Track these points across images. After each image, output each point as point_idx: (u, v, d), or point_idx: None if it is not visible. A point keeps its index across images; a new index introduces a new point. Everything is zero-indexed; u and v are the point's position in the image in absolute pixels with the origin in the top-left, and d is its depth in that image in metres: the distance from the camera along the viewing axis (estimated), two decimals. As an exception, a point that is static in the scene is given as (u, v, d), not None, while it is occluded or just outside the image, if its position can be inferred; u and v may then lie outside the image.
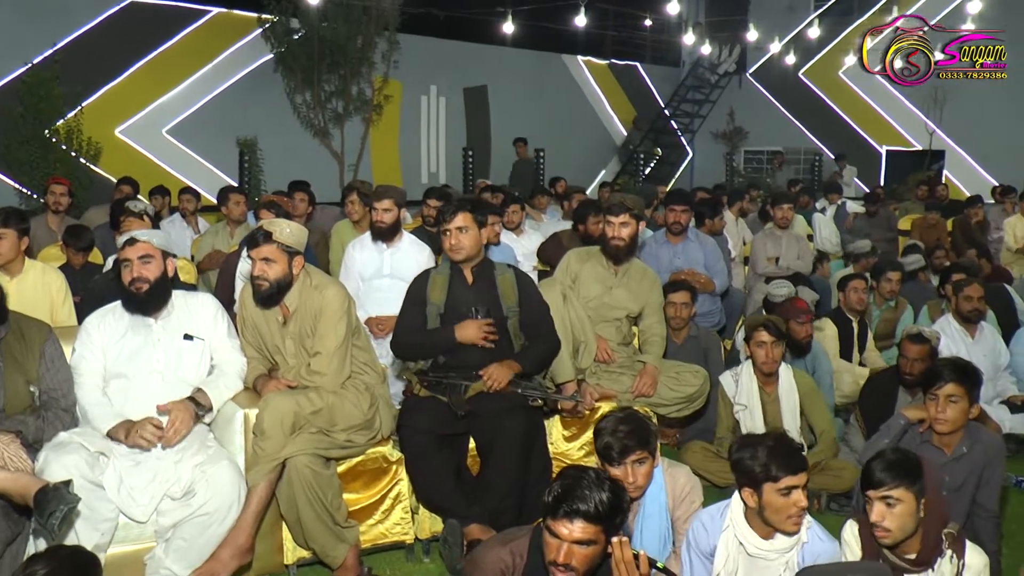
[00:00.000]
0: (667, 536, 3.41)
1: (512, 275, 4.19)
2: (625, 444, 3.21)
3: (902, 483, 2.80)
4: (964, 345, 5.84)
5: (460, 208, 4.06)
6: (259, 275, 3.77)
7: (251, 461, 3.61)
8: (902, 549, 2.90)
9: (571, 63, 19.06)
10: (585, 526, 2.49)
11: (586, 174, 18.15)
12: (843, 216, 11.74)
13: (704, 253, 6.19)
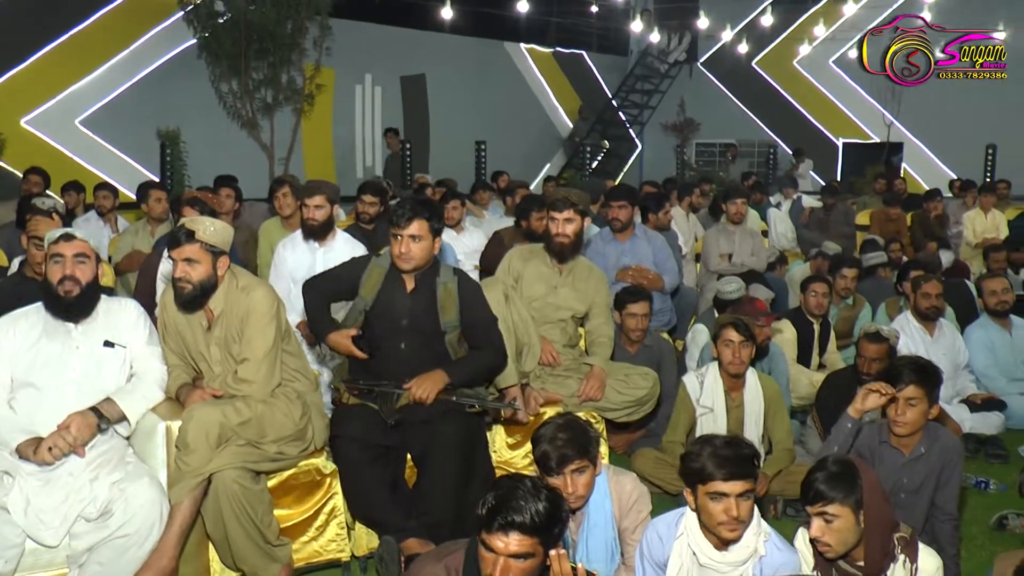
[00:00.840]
0: (614, 547, 3.42)
1: (455, 285, 4.09)
2: (563, 453, 3.21)
3: (835, 499, 2.87)
4: (923, 343, 5.97)
5: (416, 214, 3.92)
6: (181, 277, 3.69)
7: (174, 477, 3.54)
8: (853, 557, 2.95)
9: (514, 51, 19.08)
10: (521, 539, 2.48)
11: (530, 168, 18.17)
12: (799, 211, 11.95)
13: (653, 249, 6.22)
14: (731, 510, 2.88)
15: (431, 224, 3.97)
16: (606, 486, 3.40)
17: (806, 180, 16.86)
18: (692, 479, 2.95)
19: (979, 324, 6.40)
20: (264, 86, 13.53)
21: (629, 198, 6.19)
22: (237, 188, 7.67)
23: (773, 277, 8.13)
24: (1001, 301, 6.25)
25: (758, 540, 3.00)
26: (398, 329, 4.04)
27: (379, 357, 4.05)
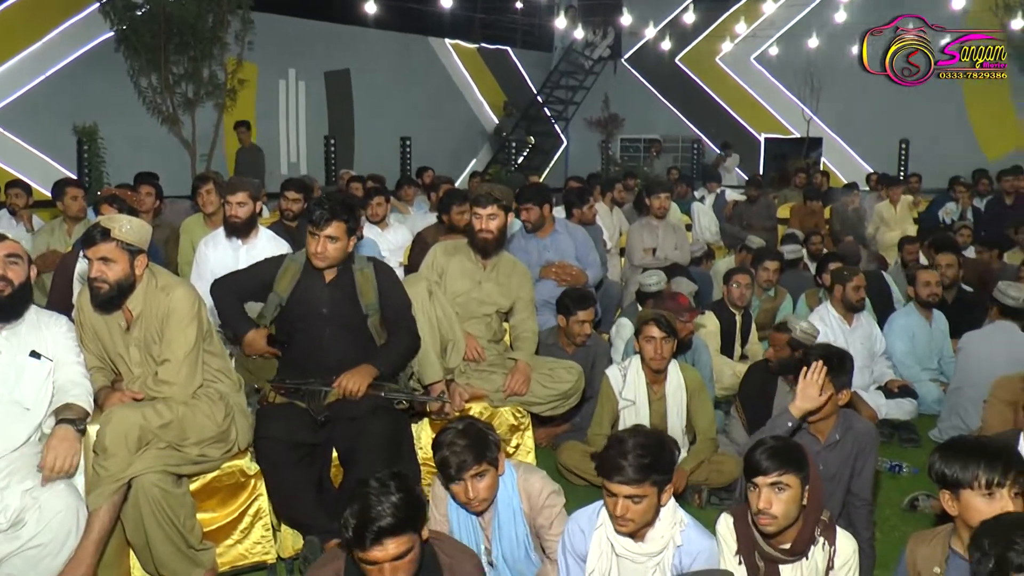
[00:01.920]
0: (527, 543, 3.43)
1: (371, 270, 4.16)
2: (462, 459, 3.21)
3: (790, 469, 2.89)
4: (842, 333, 6.11)
5: (335, 216, 3.94)
6: (97, 276, 3.60)
7: (91, 483, 3.44)
8: (777, 540, 2.99)
9: (438, 46, 19.00)
10: (396, 540, 2.49)
11: (456, 164, 18.15)
12: (722, 205, 12.13)
13: (575, 244, 6.24)
14: (618, 509, 2.93)
15: (348, 225, 4.00)
16: (514, 484, 3.40)
17: (732, 174, 17.14)
18: (599, 473, 3.02)
19: (904, 312, 6.57)
20: (185, 81, 13.27)
21: (535, 199, 6.13)
22: (158, 185, 7.52)
23: (698, 271, 8.24)
24: (932, 293, 6.40)
25: (674, 530, 3.04)
26: (320, 318, 4.04)
27: (304, 349, 4.03)
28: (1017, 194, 11.00)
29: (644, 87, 21.15)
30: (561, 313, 5.52)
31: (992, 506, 2.63)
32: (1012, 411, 4.57)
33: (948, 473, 2.72)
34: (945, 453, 2.76)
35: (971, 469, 2.67)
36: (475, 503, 3.26)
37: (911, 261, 8.52)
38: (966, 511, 2.70)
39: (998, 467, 2.65)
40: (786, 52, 19.24)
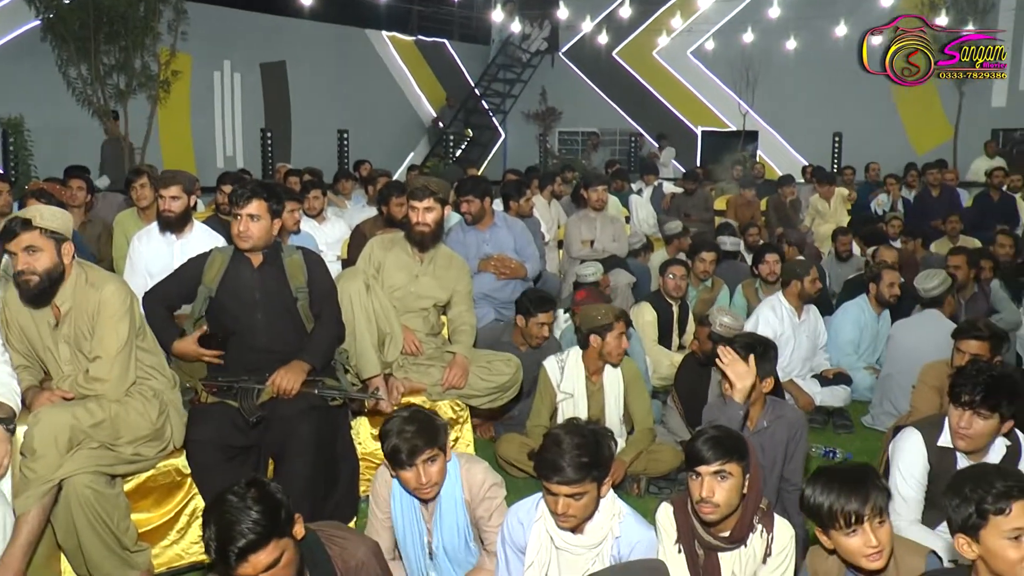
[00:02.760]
0: (467, 533, 3.44)
1: (300, 255, 4.17)
2: (414, 444, 3.20)
3: (732, 458, 2.91)
4: (791, 327, 6.24)
5: (255, 194, 3.97)
6: (24, 269, 3.50)
7: (19, 486, 3.34)
8: (717, 528, 3.02)
9: (375, 39, 18.85)
10: (264, 552, 2.43)
11: (394, 157, 18.01)
12: (660, 197, 12.24)
13: (513, 237, 6.25)
14: (559, 507, 2.95)
15: (270, 205, 4.01)
16: (457, 474, 3.41)
17: (668, 168, 17.28)
18: (538, 474, 3.03)
19: (858, 303, 6.67)
20: (116, 72, 12.95)
21: (476, 192, 6.15)
22: (89, 179, 7.35)
23: (636, 263, 8.30)
24: (894, 294, 6.50)
25: (613, 521, 3.07)
26: (251, 303, 4.02)
27: (237, 337, 4.00)
28: (943, 187, 11.28)
29: (581, 80, 21.21)
30: (520, 314, 5.51)
31: (859, 539, 2.64)
32: (938, 396, 4.67)
33: (814, 514, 2.72)
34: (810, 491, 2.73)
35: (832, 511, 2.65)
36: (426, 488, 3.25)
37: (844, 252, 8.69)
38: (838, 547, 2.72)
39: (852, 503, 2.63)
40: (722, 46, 19.43)
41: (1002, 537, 2.35)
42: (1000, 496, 2.35)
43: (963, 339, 4.60)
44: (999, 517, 2.35)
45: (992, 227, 9.49)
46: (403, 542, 3.47)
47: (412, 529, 3.43)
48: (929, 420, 3.84)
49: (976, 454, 3.56)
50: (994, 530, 2.36)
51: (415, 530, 3.43)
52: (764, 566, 3.05)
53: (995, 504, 2.35)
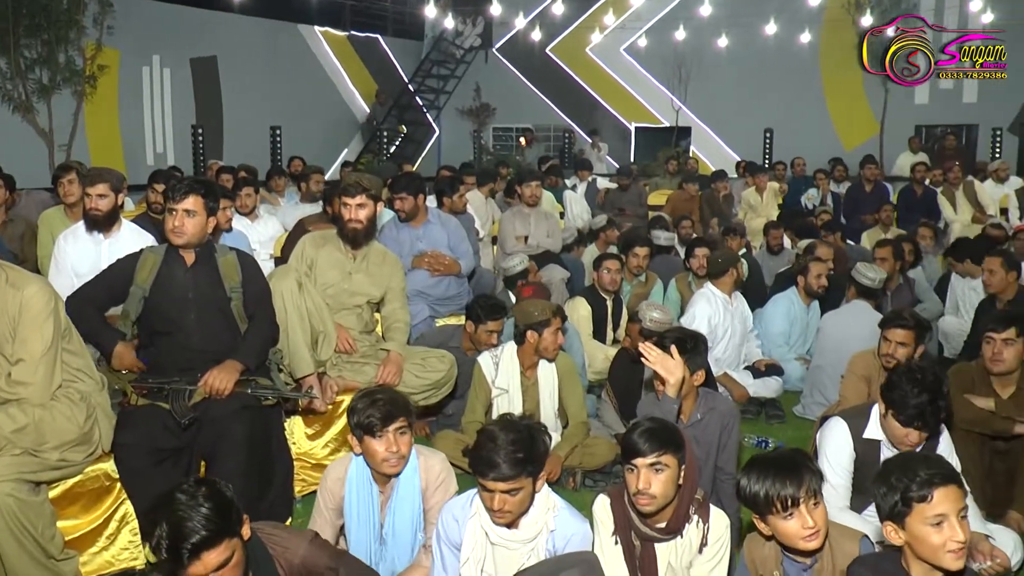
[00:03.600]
0: (419, 523, 3.45)
1: (234, 256, 4.13)
2: (388, 410, 3.25)
3: (668, 449, 2.93)
4: (727, 314, 6.36)
5: (192, 189, 3.93)
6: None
7: (-63, 495, 3.23)
8: (653, 519, 3.04)
9: (308, 34, 18.62)
10: (216, 550, 2.40)
11: (327, 153, 17.82)
12: (594, 192, 12.30)
13: (447, 233, 6.23)
14: (495, 503, 2.95)
15: (206, 202, 3.98)
16: (416, 462, 3.43)
17: (602, 163, 17.39)
18: (473, 471, 3.04)
19: (788, 295, 6.79)
20: (39, 66, 12.59)
21: (409, 189, 6.11)
22: (8, 176, 7.13)
23: (570, 258, 8.34)
24: (822, 285, 6.62)
25: (547, 515, 3.08)
26: (185, 302, 3.96)
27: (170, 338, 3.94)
28: (875, 182, 11.54)
29: (515, 77, 21.25)
30: (471, 320, 5.48)
31: (796, 522, 2.71)
32: (866, 385, 4.81)
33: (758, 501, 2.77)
34: (745, 480, 2.80)
35: (769, 497, 2.72)
36: (393, 460, 3.28)
37: (776, 246, 8.82)
38: (780, 536, 2.78)
39: (789, 486, 2.70)
40: (655, 44, 19.64)
41: (925, 524, 2.44)
42: (923, 484, 2.44)
43: (889, 328, 4.72)
44: (922, 504, 2.43)
45: (916, 220, 9.72)
46: (355, 529, 3.46)
47: (366, 514, 3.43)
48: (856, 411, 3.93)
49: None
50: (918, 517, 2.45)
51: (369, 515, 3.43)
52: (700, 556, 3.09)
53: (918, 492, 2.44)
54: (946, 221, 10.91)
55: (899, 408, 3.49)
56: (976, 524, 3.68)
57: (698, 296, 6.44)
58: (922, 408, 3.45)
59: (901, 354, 4.67)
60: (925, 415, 3.47)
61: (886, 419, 3.59)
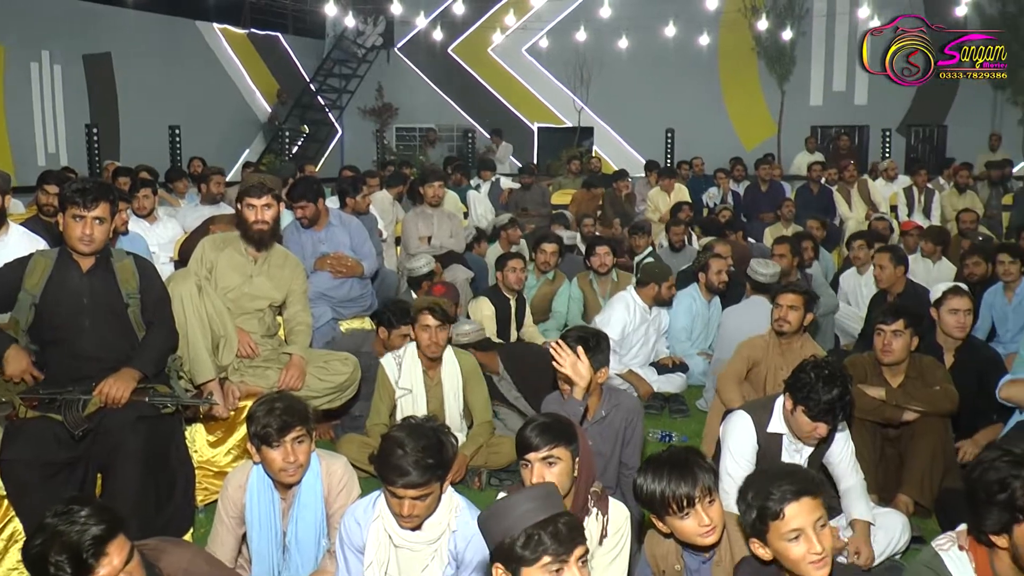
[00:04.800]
0: (322, 529, 3.42)
1: (131, 261, 4.01)
2: (285, 420, 3.20)
3: (560, 443, 2.97)
4: (644, 322, 6.47)
5: (103, 196, 3.80)
6: None
7: None
8: (552, 513, 3.08)
9: (207, 31, 18.19)
10: (118, 543, 2.36)
11: (228, 153, 17.44)
12: (497, 192, 12.34)
13: (350, 235, 6.18)
14: (404, 509, 2.94)
15: (112, 207, 3.88)
16: (318, 468, 3.40)
17: (505, 164, 17.43)
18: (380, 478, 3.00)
19: (689, 292, 6.90)
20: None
21: (309, 195, 6.02)
22: None
23: (474, 258, 8.34)
24: (722, 280, 6.77)
25: (450, 516, 3.08)
26: (79, 309, 3.83)
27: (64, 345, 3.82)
28: (771, 181, 11.83)
29: (418, 76, 21.17)
30: (383, 325, 5.44)
31: (693, 521, 2.78)
32: (746, 366, 5.10)
33: (647, 503, 2.86)
34: (642, 480, 2.86)
35: (665, 498, 2.78)
36: (291, 469, 3.24)
37: (677, 243, 8.97)
38: (680, 533, 2.85)
39: (683, 487, 2.76)
40: (556, 44, 19.81)
41: (783, 539, 2.50)
42: (776, 501, 2.49)
43: (780, 294, 5.06)
44: (776, 522, 2.50)
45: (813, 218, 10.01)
46: (257, 538, 3.40)
47: (268, 523, 3.38)
48: (759, 404, 4.04)
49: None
50: (775, 534, 2.51)
51: (271, 524, 3.38)
52: (600, 547, 3.13)
53: (772, 509, 2.49)
54: (841, 218, 11.30)
55: (810, 404, 3.58)
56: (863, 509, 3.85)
57: (617, 299, 6.52)
58: (832, 403, 3.55)
59: (793, 318, 5.00)
60: (835, 410, 3.57)
61: (793, 414, 3.69)
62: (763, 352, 5.12)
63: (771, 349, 5.12)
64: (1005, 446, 2.59)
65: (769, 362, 5.10)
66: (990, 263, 6.87)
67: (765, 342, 5.15)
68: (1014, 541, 2.46)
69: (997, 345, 6.33)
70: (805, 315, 5.06)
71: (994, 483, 2.48)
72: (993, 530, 2.50)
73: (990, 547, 2.55)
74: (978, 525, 2.55)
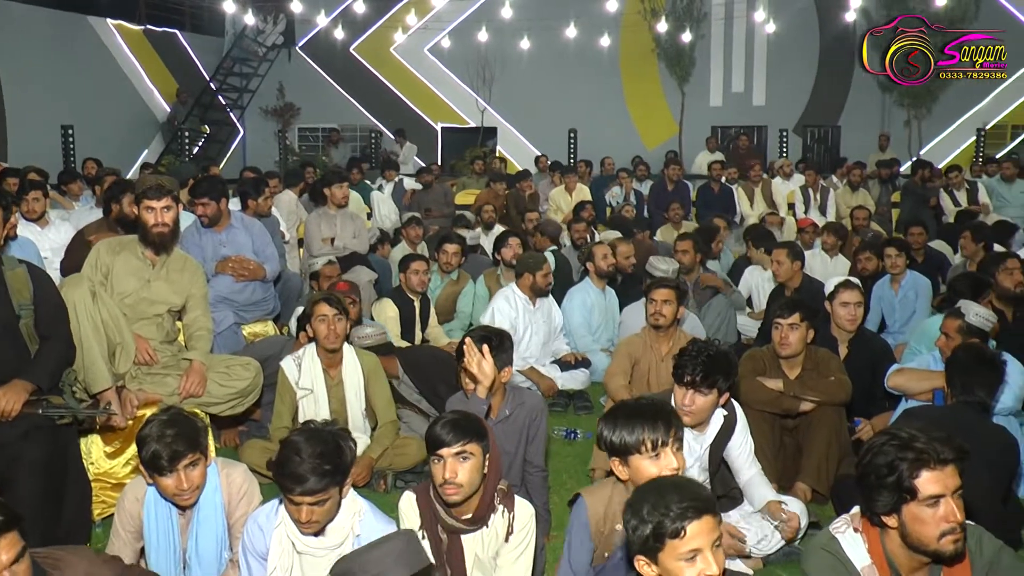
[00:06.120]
0: (223, 541, 3.36)
1: (24, 269, 3.82)
2: (175, 450, 3.12)
3: (472, 439, 3.00)
4: (527, 313, 6.50)
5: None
6: None
7: None
8: (459, 511, 3.10)
9: (100, 27, 17.61)
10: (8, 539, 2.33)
11: (126, 154, 16.96)
12: (401, 193, 12.30)
13: (251, 237, 6.08)
14: (303, 515, 2.93)
15: (6, 214, 3.78)
16: (216, 479, 3.34)
17: (409, 164, 17.37)
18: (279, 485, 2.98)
19: (582, 286, 7.01)
20: None
21: (211, 194, 5.92)
22: None
23: (377, 259, 8.30)
24: (611, 263, 6.92)
25: (354, 520, 3.08)
26: None
27: None
28: (677, 180, 12.06)
29: (320, 76, 20.96)
30: (303, 330, 5.35)
31: (659, 464, 2.89)
32: (628, 362, 5.21)
33: (617, 443, 2.95)
34: (610, 424, 2.98)
35: (637, 435, 2.90)
36: (187, 494, 3.17)
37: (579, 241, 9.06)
38: (636, 474, 2.93)
39: (660, 427, 2.89)
40: (458, 45, 19.85)
41: (679, 559, 2.33)
42: (676, 518, 2.32)
43: (655, 289, 5.24)
44: (675, 540, 2.33)
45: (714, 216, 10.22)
46: (155, 554, 3.33)
47: (167, 540, 3.31)
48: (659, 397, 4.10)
49: (700, 427, 3.84)
50: (671, 553, 2.34)
51: (170, 540, 3.31)
52: (507, 544, 3.17)
53: (672, 526, 2.32)
54: (742, 216, 11.58)
55: (676, 371, 3.72)
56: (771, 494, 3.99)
57: (498, 295, 6.57)
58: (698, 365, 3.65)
59: (667, 311, 5.18)
60: (702, 373, 3.65)
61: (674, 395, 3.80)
62: (641, 349, 5.27)
63: (649, 344, 5.28)
64: (893, 430, 2.69)
65: (649, 358, 5.24)
66: (880, 258, 7.15)
67: (642, 339, 5.30)
68: (903, 520, 2.57)
69: (887, 336, 6.61)
70: (679, 308, 5.27)
71: (883, 466, 2.58)
72: (884, 511, 2.60)
73: (882, 527, 2.66)
74: (870, 507, 2.64)
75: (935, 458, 2.53)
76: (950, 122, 18.78)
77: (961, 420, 3.83)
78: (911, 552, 2.61)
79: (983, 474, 3.47)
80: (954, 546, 2.53)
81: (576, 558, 3.15)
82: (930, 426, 2.73)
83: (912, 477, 2.53)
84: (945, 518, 2.51)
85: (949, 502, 2.52)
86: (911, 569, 2.66)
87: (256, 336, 6.06)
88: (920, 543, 2.56)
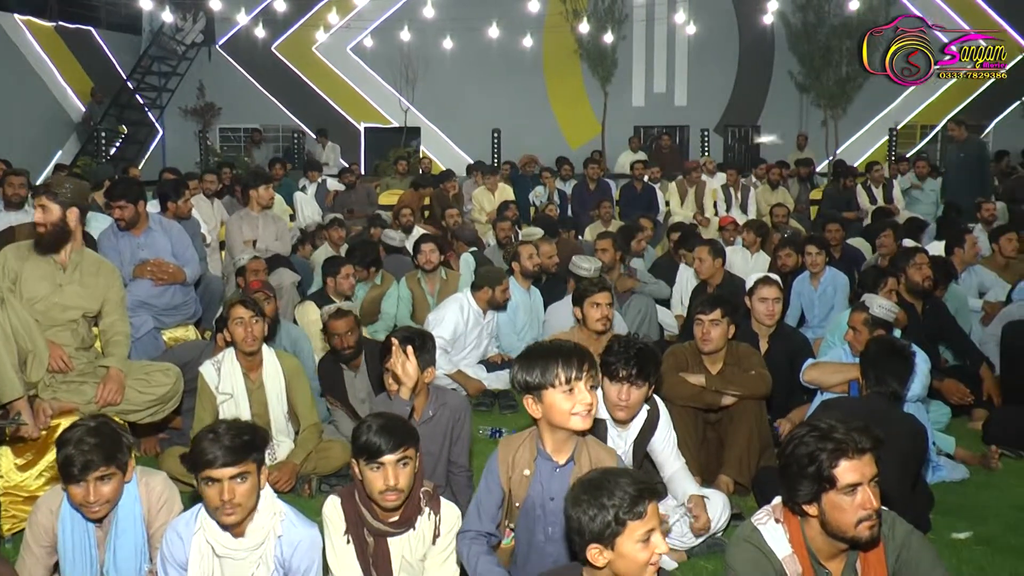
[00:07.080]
0: (143, 553, 3.27)
1: None
2: (88, 459, 3.03)
3: (410, 443, 3.01)
4: (477, 325, 6.52)
5: None
6: None
7: None
8: (387, 514, 3.09)
9: (7, 23, 17.01)
10: None
11: (38, 155, 16.43)
12: (324, 193, 12.20)
13: (170, 240, 5.95)
14: (224, 494, 2.89)
15: None
16: (136, 490, 3.25)
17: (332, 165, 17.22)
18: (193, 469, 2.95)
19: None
20: None
21: (127, 196, 5.77)
22: None
23: (300, 260, 8.20)
24: (536, 264, 6.95)
25: (274, 521, 3.04)
26: None
27: None
28: (598, 179, 12.15)
29: (241, 75, 20.64)
30: (220, 333, 5.24)
31: (572, 399, 2.93)
32: None
33: (531, 380, 2.98)
34: (524, 362, 3.02)
35: (551, 370, 2.93)
36: (94, 507, 3.08)
37: (505, 240, 9.09)
38: (550, 411, 2.97)
39: (573, 363, 2.93)
40: (381, 44, 19.75)
41: (636, 541, 2.44)
42: (635, 500, 2.43)
43: (592, 295, 5.26)
44: (636, 522, 2.43)
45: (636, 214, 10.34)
46: (71, 570, 3.22)
47: (83, 554, 3.21)
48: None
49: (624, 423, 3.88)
50: (629, 535, 2.44)
51: (86, 554, 3.21)
52: (434, 547, 3.17)
53: (632, 509, 2.43)
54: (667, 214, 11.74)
55: (610, 367, 3.75)
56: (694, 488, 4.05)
57: (452, 300, 6.53)
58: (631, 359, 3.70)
59: (611, 313, 5.28)
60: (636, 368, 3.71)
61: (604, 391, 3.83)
62: None
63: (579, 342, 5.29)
64: (813, 422, 2.75)
65: None
66: (800, 254, 7.31)
67: (572, 337, 5.23)
68: (822, 508, 2.64)
69: (806, 330, 6.76)
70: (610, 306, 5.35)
71: (804, 456, 2.65)
72: (805, 500, 2.67)
73: (802, 516, 2.72)
74: (791, 497, 2.71)
75: (853, 448, 2.60)
76: (864, 122, 19.36)
77: (875, 410, 3.93)
78: (830, 539, 2.68)
79: (895, 461, 3.56)
80: (870, 532, 2.60)
81: (484, 502, 3.19)
82: (847, 416, 2.81)
83: (831, 467, 2.59)
84: (862, 505, 2.58)
85: (866, 490, 2.59)
86: (830, 555, 2.72)
87: (177, 341, 5.94)
88: (839, 530, 2.62)
